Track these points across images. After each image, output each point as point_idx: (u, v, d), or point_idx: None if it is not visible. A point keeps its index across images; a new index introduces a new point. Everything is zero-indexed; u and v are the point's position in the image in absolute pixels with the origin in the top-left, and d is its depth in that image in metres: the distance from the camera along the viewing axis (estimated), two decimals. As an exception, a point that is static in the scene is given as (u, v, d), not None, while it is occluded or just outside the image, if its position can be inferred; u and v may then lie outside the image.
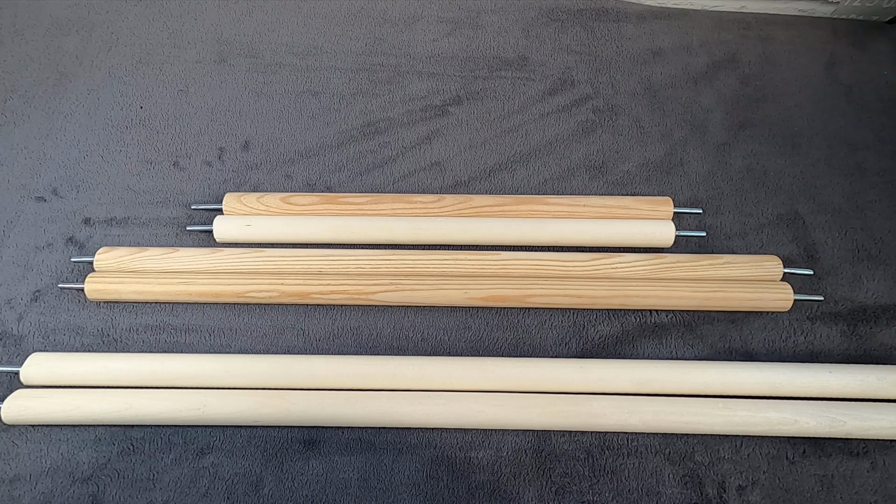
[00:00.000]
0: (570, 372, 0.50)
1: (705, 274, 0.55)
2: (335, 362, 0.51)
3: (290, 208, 0.59)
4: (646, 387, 0.50)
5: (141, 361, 0.51)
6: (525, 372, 0.50)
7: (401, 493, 0.48)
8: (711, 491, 0.48)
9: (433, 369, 0.51)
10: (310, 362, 0.51)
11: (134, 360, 0.51)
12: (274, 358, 0.52)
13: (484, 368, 0.51)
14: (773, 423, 0.47)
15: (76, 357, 0.52)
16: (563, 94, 0.70)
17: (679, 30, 0.75)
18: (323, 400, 0.49)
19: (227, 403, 0.49)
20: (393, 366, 0.51)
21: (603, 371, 0.50)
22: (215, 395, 0.49)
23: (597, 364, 0.51)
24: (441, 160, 0.65)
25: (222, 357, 0.52)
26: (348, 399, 0.49)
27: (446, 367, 0.51)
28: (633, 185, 0.63)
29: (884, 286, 0.57)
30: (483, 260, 0.56)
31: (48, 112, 0.69)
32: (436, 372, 0.50)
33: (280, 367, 0.51)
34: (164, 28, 0.75)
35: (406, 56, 0.73)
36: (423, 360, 0.51)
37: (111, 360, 0.51)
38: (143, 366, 0.51)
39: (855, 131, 0.67)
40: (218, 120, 0.68)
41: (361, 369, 0.51)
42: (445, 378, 0.50)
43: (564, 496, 0.48)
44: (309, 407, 0.49)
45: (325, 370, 0.51)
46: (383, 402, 0.49)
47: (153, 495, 0.48)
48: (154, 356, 0.52)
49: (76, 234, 0.61)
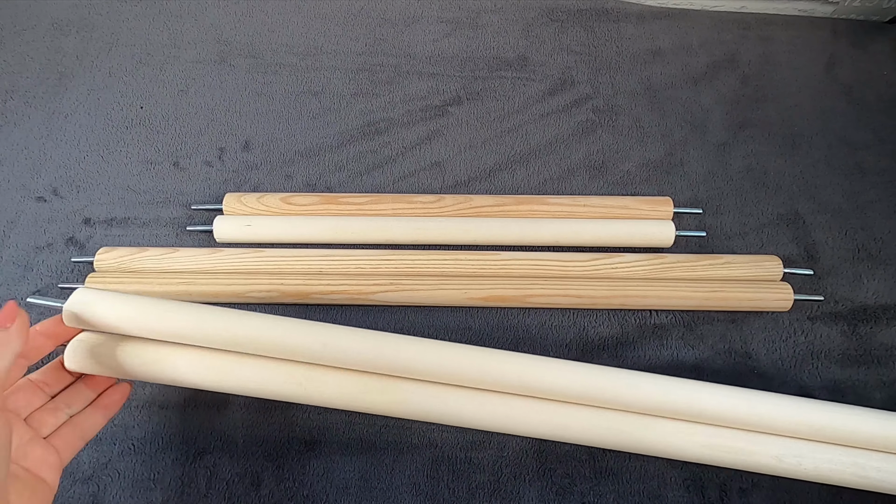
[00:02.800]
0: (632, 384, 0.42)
1: (705, 274, 0.55)
2: (469, 353, 0.42)
3: (290, 208, 0.59)
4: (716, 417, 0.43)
5: (219, 317, 0.41)
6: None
7: (401, 493, 0.48)
8: (713, 494, 0.48)
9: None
10: (440, 350, 0.42)
11: (208, 315, 0.41)
12: (385, 337, 0.42)
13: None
14: (809, 474, 0.42)
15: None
16: (563, 94, 0.70)
17: (679, 30, 0.75)
18: (457, 400, 0.42)
19: (328, 382, 0.42)
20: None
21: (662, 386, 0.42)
22: (316, 371, 0.42)
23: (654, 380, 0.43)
24: (441, 160, 0.65)
25: (320, 327, 0.42)
26: (485, 402, 0.42)
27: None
28: (633, 185, 0.63)
29: (884, 286, 0.57)
30: (483, 260, 0.56)
31: (48, 112, 0.69)
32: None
33: (390, 349, 0.41)
34: (164, 28, 0.75)
35: (406, 56, 0.73)
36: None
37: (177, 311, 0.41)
38: (223, 323, 0.41)
39: (855, 131, 0.67)
40: (218, 120, 0.68)
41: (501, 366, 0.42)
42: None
43: (566, 497, 0.48)
44: (429, 403, 0.42)
45: (454, 360, 0.42)
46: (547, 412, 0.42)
47: (153, 495, 0.48)
48: (232, 313, 0.42)
49: (76, 234, 0.61)
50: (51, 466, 0.34)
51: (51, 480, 0.34)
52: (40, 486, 0.33)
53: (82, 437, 0.38)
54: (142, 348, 0.42)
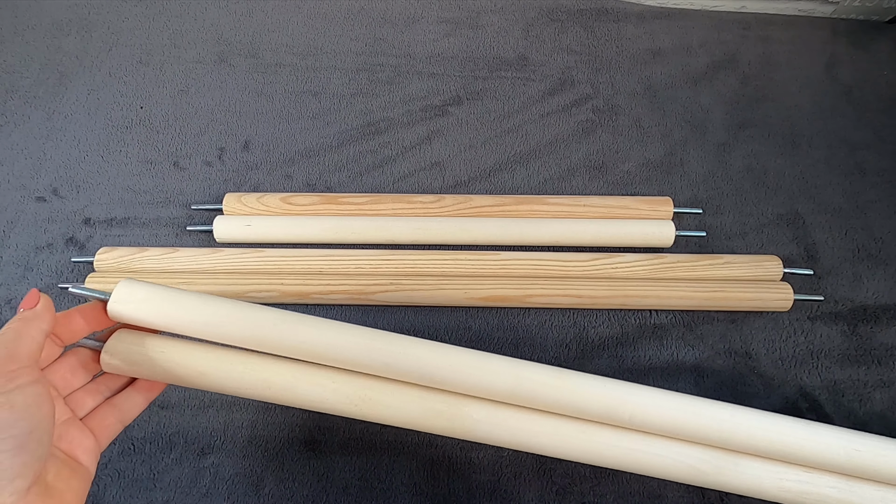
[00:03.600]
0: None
1: (705, 274, 0.55)
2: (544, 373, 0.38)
3: (290, 208, 0.59)
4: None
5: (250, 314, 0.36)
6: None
7: (401, 494, 0.48)
8: (713, 494, 0.48)
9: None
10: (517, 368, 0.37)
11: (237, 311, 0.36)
12: (446, 350, 0.38)
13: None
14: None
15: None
16: (563, 94, 0.70)
17: (679, 30, 0.75)
18: (524, 424, 0.38)
19: (388, 403, 0.37)
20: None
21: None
22: (375, 390, 0.37)
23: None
24: (441, 160, 0.65)
25: (377, 335, 0.37)
26: (561, 429, 0.38)
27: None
28: (633, 185, 0.63)
29: (884, 286, 0.57)
30: (483, 260, 0.56)
31: (48, 112, 0.69)
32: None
33: (455, 363, 0.37)
34: (164, 28, 0.75)
35: (406, 56, 0.73)
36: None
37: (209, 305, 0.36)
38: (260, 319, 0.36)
39: (855, 131, 0.67)
40: (218, 120, 0.68)
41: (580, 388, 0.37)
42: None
43: (565, 497, 0.48)
44: (495, 429, 0.38)
45: (530, 381, 0.37)
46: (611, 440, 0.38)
47: (154, 495, 0.48)
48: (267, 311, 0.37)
49: (76, 234, 0.61)
50: (88, 450, 0.33)
51: (88, 464, 0.32)
52: (79, 469, 0.32)
53: (121, 419, 0.36)
54: (189, 354, 0.37)
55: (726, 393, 0.52)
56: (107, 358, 0.36)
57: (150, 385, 0.38)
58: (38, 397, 0.28)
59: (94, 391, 0.36)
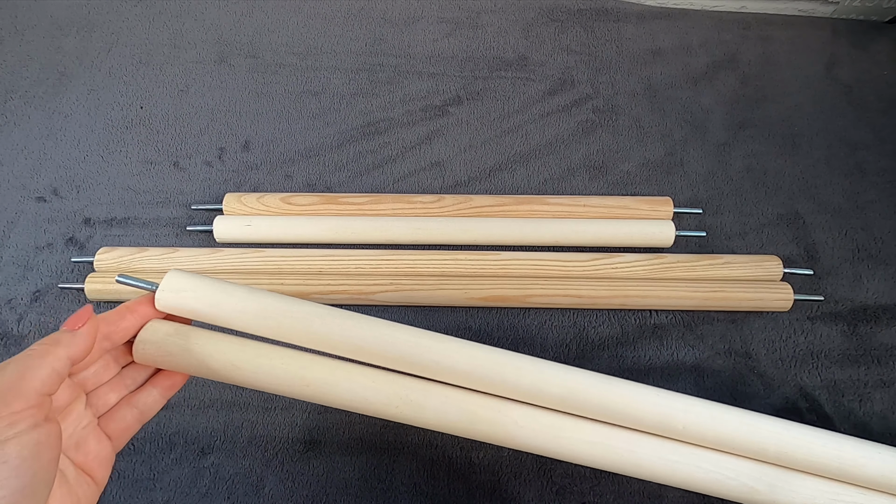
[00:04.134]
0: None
1: (705, 274, 0.55)
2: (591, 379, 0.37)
3: (290, 208, 0.59)
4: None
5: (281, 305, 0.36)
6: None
7: (401, 494, 0.48)
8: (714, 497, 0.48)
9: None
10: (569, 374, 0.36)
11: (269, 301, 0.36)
12: (498, 353, 0.37)
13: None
14: None
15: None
16: (563, 94, 0.70)
17: (679, 30, 0.75)
18: (569, 430, 0.37)
19: (428, 405, 0.36)
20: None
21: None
22: (416, 391, 0.36)
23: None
24: (441, 160, 0.65)
25: (425, 333, 0.36)
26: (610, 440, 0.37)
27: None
28: (633, 185, 0.63)
29: (884, 286, 0.57)
30: (483, 260, 0.56)
31: (48, 112, 0.69)
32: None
33: (498, 364, 0.36)
34: (164, 28, 0.75)
35: (406, 56, 0.73)
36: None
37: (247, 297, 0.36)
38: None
39: (855, 131, 0.67)
40: (218, 120, 0.68)
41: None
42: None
43: (565, 497, 0.48)
44: (538, 436, 0.36)
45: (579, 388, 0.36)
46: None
47: (154, 495, 0.48)
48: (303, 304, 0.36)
49: (76, 234, 0.61)
50: (102, 461, 0.32)
51: (100, 477, 0.31)
52: (89, 486, 0.30)
53: (140, 418, 0.34)
54: (226, 347, 0.36)
55: (726, 393, 0.52)
56: (141, 347, 0.34)
57: (170, 382, 0.37)
58: (37, 446, 0.25)
59: (118, 385, 0.35)
